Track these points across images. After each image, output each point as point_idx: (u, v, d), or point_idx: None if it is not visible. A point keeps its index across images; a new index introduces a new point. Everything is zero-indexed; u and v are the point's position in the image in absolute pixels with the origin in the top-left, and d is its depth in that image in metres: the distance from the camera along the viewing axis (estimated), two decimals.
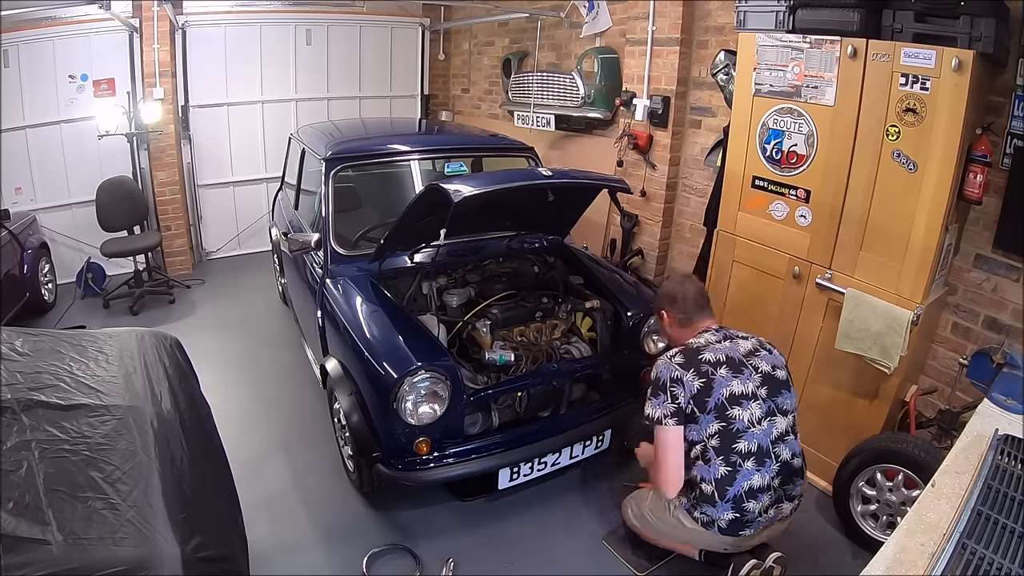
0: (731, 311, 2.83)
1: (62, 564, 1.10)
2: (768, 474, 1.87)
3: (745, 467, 1.85)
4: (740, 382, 1.87)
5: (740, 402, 1.86)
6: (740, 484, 1.85)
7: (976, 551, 1.12)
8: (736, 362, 1.91)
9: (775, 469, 1.88)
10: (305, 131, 3.63)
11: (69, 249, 4.61)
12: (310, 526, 2.35)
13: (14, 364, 1.65)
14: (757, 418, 1.87)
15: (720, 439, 1.85)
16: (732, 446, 1.85)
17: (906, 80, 2.07)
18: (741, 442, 1.85)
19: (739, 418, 1.85)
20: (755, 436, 1.86)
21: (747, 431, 1.85)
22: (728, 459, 1.85)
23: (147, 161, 4.68)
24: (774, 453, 1.88)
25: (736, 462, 1.85)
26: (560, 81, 4.15)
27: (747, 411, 1.86)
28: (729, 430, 1.85)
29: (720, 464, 1.85)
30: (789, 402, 1.95)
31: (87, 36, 4.32)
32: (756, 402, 1.88)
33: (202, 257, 5.28)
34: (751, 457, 1.85)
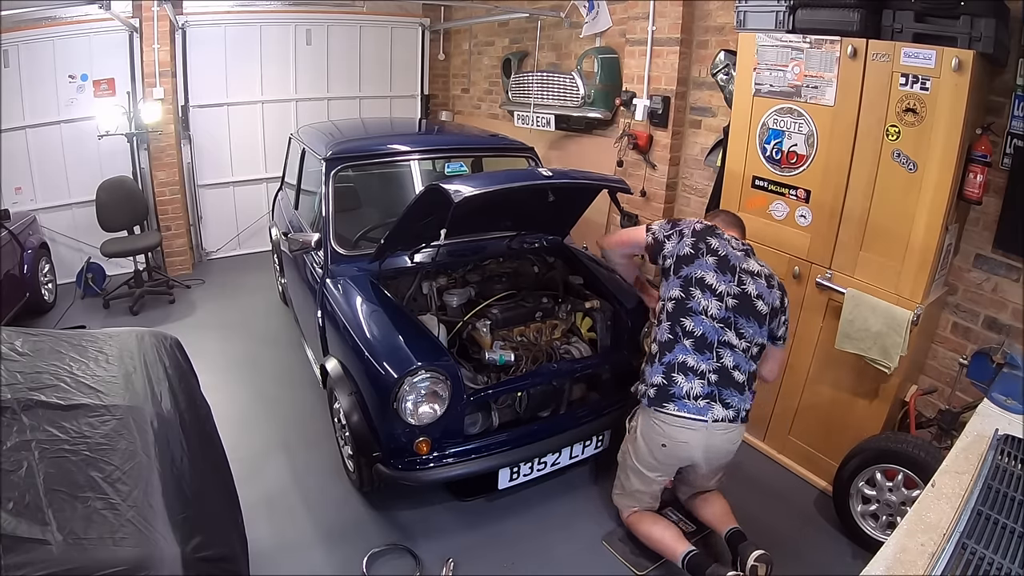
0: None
1: (62, 564, 1.10)
2: (704, 363, 1.94)
3: (684, 342, 1.96)
4: (717, 278, 1.99)
5: (704, 289, 1.98)
6: (675, 354, 1.96)
7: (976, 551, 1.12)
8: (728, 264, 2.01)
9: (713, 365, 1.95)
10: (305, 131, 3.63)
11: (69, 249, 4.61)
12: (310, 526, 2.35)
13: (14, 364, 1.65)
14: (711, 313, 1.97)
15: (674, 305, 2.00)
16: (679, 319, 1.98)
17: (906, 80, 2.08)
18: (688, 319, 1.97)
19: (696, 299, 1.97)
20: (703, 323, 1.96)
21: (698, 315, 1.97)
22: (673, 328, 1.98)
23: (147, 161, 4.67)
24: (717, 352, 1.96)
25: (678, 333, 1.97)
26: (560, 81, 4.15)
27: (706, 300, 1.97)
28: (684, 304, 1.98)
29: (666, 329, 2.00)
30: (752, 332, 1.99)
31: (87, 36, 4.31)
32: (718, 302, 1.97)
33: (202, 257, 5.28)
34: (691, 337, 1.96)
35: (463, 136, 3.72)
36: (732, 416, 1.95)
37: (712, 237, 2.04)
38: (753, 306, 2.00)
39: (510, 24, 5.07)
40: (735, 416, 1.96)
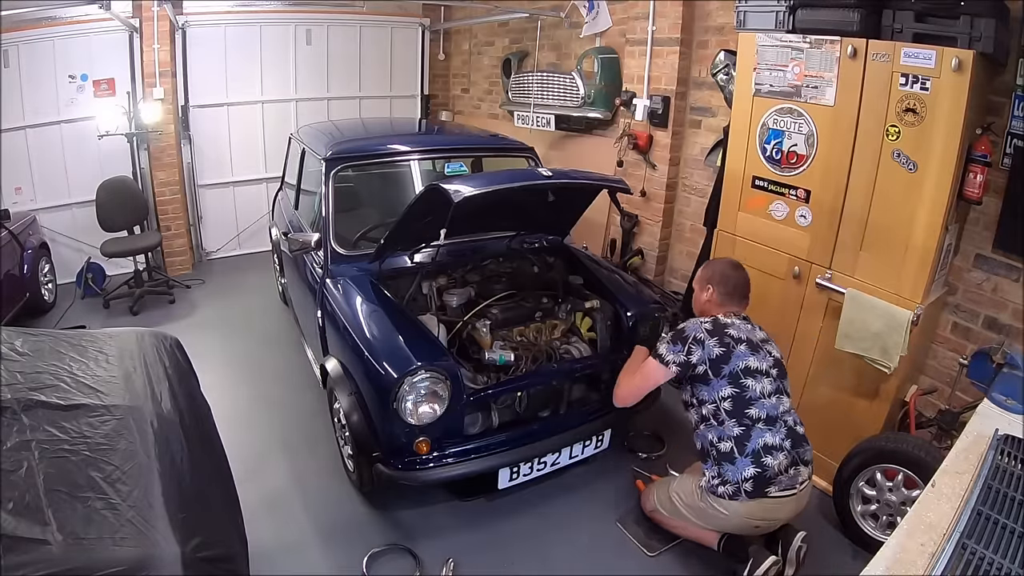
0: None
1: (62, 564, 1.10)
2: (779, 435, 1.97)
3: (758, 427, 1.97)
4: (756, 360, 2.03)
5: (755, 375, 2.01)
6: (756, 441, 1.95)
7: (976, 551, 1.12)
8: (755, 344, 2.08)
9: (784, 432, 1.99)
10: (305, 131, 3.63)
11: (69, 249, 4.61)
12: (310, 526, 2.35)
13: (14, 364, 1.65)
14: (768, 392, 2.01)
15: (733, 403, 1.99)
16: (745, 411, 1.98)
17: (906, 80, 2.07)
18: (753, 408, 1.98)
19: (752, 388, 1.99)
20: (765, 406, 1.99)
21: (759, 400, 1.99)
22: (741, 421, 1.98)
23: (147, 161, 4.67)
24: (783, 420, 2.01)
25: (748, 424, 1.97)
26: (560, 81, 4.15)
27: (760, 384, 2.01)
28: (743, 396, 1.99)
29: (734, 425, 1.98)
30: (789, 388, 2.13)
31: (87, 36, 4.31)
32: (768, 379, 2.03)
33: (202, 257, 5.28)
34: (762, 421, 1.98)
35: (463, 136, 3.72)
36: (809, 472, 2.04)
37: (728, 328, 2.07)
38: (784, 367, 2.13)
39: (510, 24, 5.07)
40: (810, 472, 2.05)
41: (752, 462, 1.94)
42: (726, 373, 2.00)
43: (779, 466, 1.93)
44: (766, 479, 1.92)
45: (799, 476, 1.98)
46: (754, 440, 1.95)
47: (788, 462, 1.96)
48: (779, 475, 1.93)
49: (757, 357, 2.03)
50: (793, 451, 1.98)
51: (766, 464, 1.92)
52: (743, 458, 1.95)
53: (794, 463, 1.98)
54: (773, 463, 1.93)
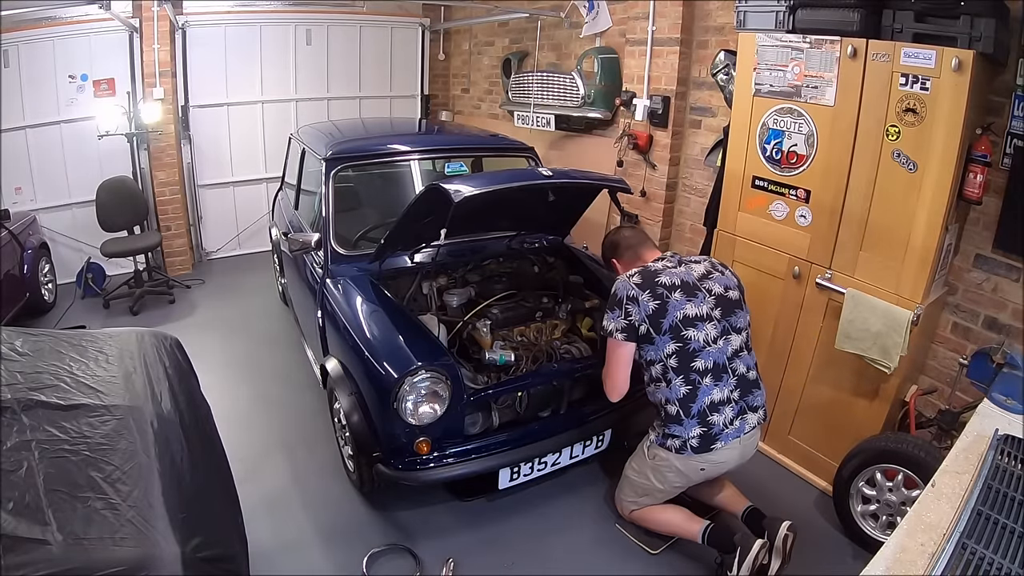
0: None
1: (62, 564, 1.10)
2: (727, 388, 1.98)
3: (704, 383, 1.96)
4: (694, 305, 1.98)
5: (695, 323, 1.96)
6: (702, 399, 1.95)
7: (976, 551, 1.12)
8: (691, 286, 2.01)
9: (733, 383, 1.99)
10: (305, 131, 3.63)
11: (69, 249, 4.61)
12: (310, 526, 2.35)
13: (14, 364, 1.65)
14: (712, 337, 1.98)
15: (678, 359, 1.96)
16: (690, 364, 1.95)
17: (906, 80, 2.07)
18: (698, 360, 1.96)
19: (694, 338, 1.96)
20: (711, 354, 1.97)
21: (703, 350, 1.96)
22: (687, 377, 1.96)
23: (147, 161, 4.68)
24: (731, 368, 2.00)
25: (695, 380, 1.95)
26: (560, 81, 4.15)
27: (702, 332, 1.97)
28: (686, 350, 1.95)
29: (680, 384, 1.96)
30: (742, 320, 2.06)
31: (87, 36, 4.31)
32: (711, 323, 1.99)
33: (202, 257, 5.28)
34: (708, 374, 1.96)
35: (463, 136, 3.72)
36: (760, 418, 2.05)
37: (659, 276, 2.00)
38: (729, 299, 2.06)
39: (510, 24, 5.07)
40: (761, 417, 2.07)
41: (698, 422, 1.96)
42: (666, 327, 1.94)
43: (725, 420, 1.96)
44: (711, 436, 1.96)
45: (745, 424, 2.01)
46: (700, 398, 1.95)
47: (735, 413, 1.99)
48: (725, 429, 1.96)
49: (695, 302, 1.98)
50: (741, 400, 2.00)
51: (712, 422, 1.95)
52: (689, 419, 1.96)
53: (741, 412, 2.00)
54: (719, 419, 1.95)
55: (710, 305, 2.00)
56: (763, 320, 2.63)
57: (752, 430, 2.04)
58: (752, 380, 2.05)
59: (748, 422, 2.02)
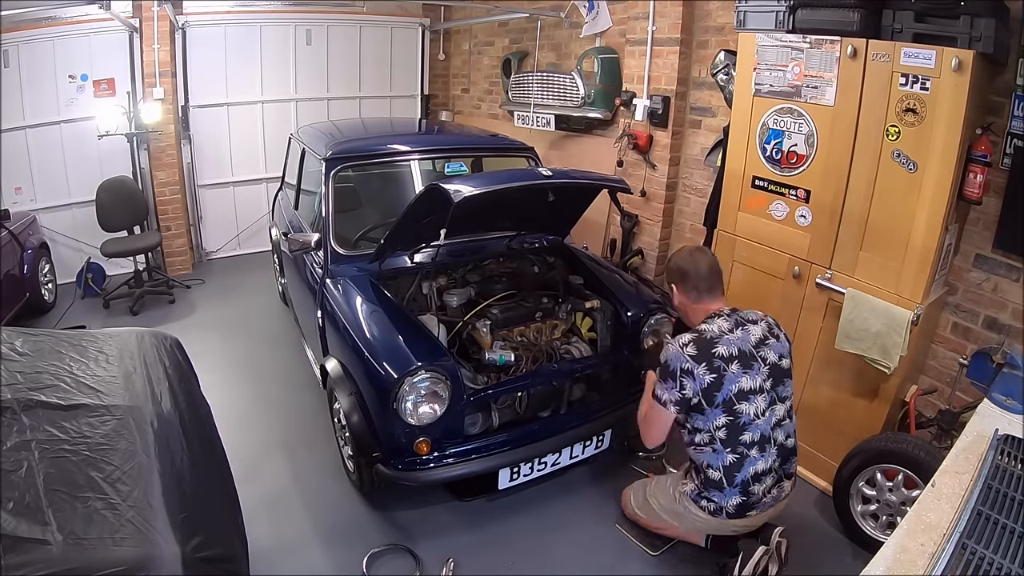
0: None
1: (62, 564, 1.10)
2: (770, 459, 1.95)
3: (750, 455, 1.92)
4: (749, 378, 1.91)
5: (748, 397, 1.91)
6: (746, 470, 1.92)
7: (976, 551, 1.12)
8: (747, 356, 1.93)
9: (775, 452, 1.96)
10: (305, 131, 3.63)
11: (69, 249, 4.61)
12: (310, 526, 2.35)
13: (14, 364, 1.65)
14: (762, 410, 1.93)
15: (727, 431, 1.91)
16: (739, 438, 1.91)
17: (906, 80, 2.07)
18: (747, 433, 1.92)
19: (746, 412, 1.91)
20: (759, 427, 1.93)
21: (752, 423, 1.92)
22: (735, 449, 1.92)
23: (147, 161, 4.67)
24: (773, 438, 1.96)
25: (742, 452, 1.92)
26: (560, 81, 4.15)
27: (753, 405, 1.91)
28: (736, 423, 1.91)
29: (728, 454, 1.92)
30: (789, 389, 2.02)
31: (87, 36, 4.31)
32: (762, 395, 1.93)
33: (202, 257, 5.28)
34: (755, 446, 1.93)
35: (463, 136, 3.72)
36: (794, 484, 2.05)
37: (715, 347, 1.89)
38: (782, 369, 1.99)
39: (510, 24, 5.07)
40: (795, 482, 2.06)
41: (740, 492, 1.94)
42: (719, 401, 1.89)
43: (764, 489, 1.95)
44: (749, 504, 1.95)
45: (782, 492, 2.01)
46: (745, 469, 1.92)
47: (774, 482, 1.97)
48: (763, 498, 1.95)
49: (750, 375, 1.91)
50: (781, 469, 1.99)
51: (752, 492, 1.94)
52: (731, 488, 1.93)
53: (779, 481, 1.99)
54: (759, 489, 1.94)
55: (763, 376, 1.93)
56: None
57: (785, 496, 2.03)
58: (791, 448, 2.02)
59: (784, 489, 2.01)
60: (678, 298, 2.11)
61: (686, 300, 2.07)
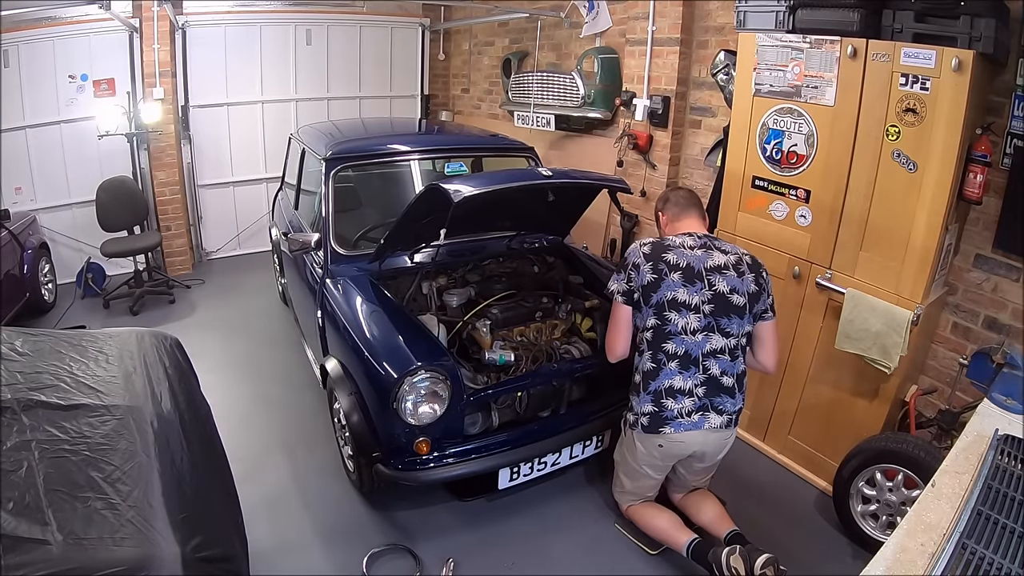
0: None
1: (62, 564, 1.10)
2: (692, 380, 1.95)
3: (669, 366, 1.96)
4: (687, 292, 1.95)
5: (679, 308, 1.95)
6: (661, 381, 1.96)
7: (976, 551, 1.12)
8: (693, 272, 1.97)
9: (701, 379, 1.95)
10: (305, 131, 3.63)
11: (69, 249, 4.61)
12: (310, 526, 2.35)
13: (14, 364, 1.65)
14: (692, 328, 1.95)
15: (653, 334, 1.98)
16: (661, 344, 1.97)
17: (906, 80, 2.07)
18: (669, 343, 1.96)
19: (673, 321, 1.95)
20: (684, 342, 1.95)
21: (678, 336, 1.95)
22: (655, 356, 1.98)
23: (147, 161, 4.68)
24: (703, 365, 1.96)
25: (661, 359, 1.96)
26: (560, 81, 4.15)
27: (683, 319, 1.95)
28: (662, 329, 1.96)
29: (648, 359, 1.99)
30: (735, 327, 1.98)
31: (87, 36, 4.31)
32: (696, 315, 1.95)
33: (202, 257, 5.28)
34: (676, 359, 1.95)
35: (463, 136, 3.72)
36: (726, 422, 1.99)
37: (667, 252, 1.99)
38: (730, 302, 1.97)
39: (510, 24, 5.07)
40: (728, 422, 2.00)
41: (651, 400, 1.97)
42: (653, 302, 1.96)
43: (681, 409, 1.94)
44: (661, 418, 1.95)
45: (705, 421, 1.95)
46: (660, 379, 1.95)
47: (694, 407, 1.94)
48: (679, 418, 1.94)
49: (689, 289, 1.94)
50: (706, 398, 1.95)
51: (664, 406, 1.95)
52: (645, 394, 1.98)
53: (703, 409, 1.95)
54: (674, 406, 1.94)
55: (704, 298, 1.96)
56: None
57: (716, 429, 1.97)
58: (725, 386, 1.97)
59: (709, 420, 1.96)
60: (664, 222, 2.22)
61: (669, 223, 2.19)
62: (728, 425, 2.00)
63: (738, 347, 2.01)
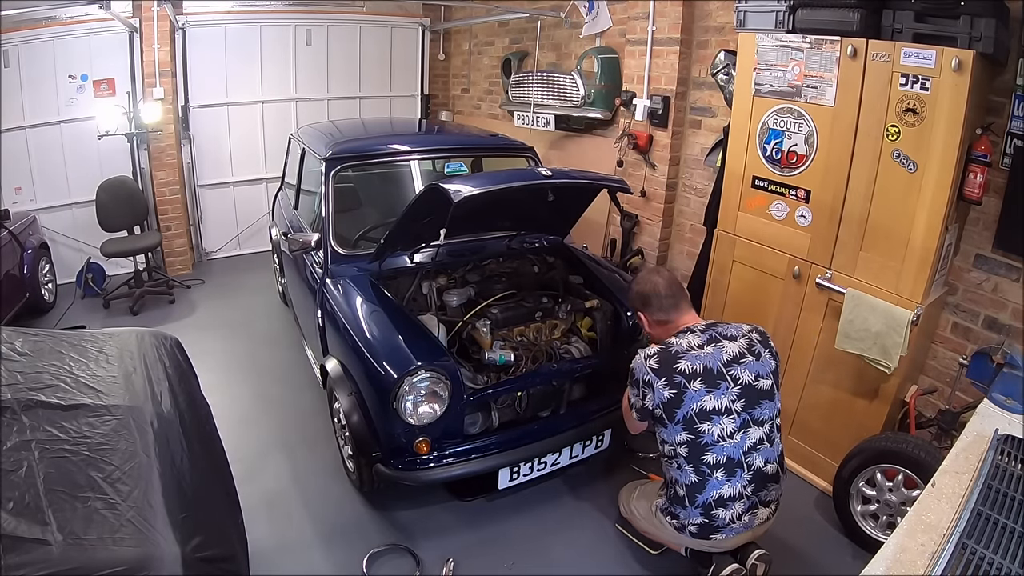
0: (731, 311, 2.84)
1: (62, 564, 1.10)
2: (739, 483, 1.85)
3: (714, 477, 1.83)
4: (713, 397, 1.81)
5: (711, 417, 1.81)
6: (709, 493, 1.84)
7: (976, 551, 1.12)
8: (714, 374, 1.83)
9: (747, 478, 1.86)
10: (305, 131, 3.63)
11: (69, 249, 4.62)
12: (310, 526, 2.35)
13: (14, 364, 1.65)
14: (728, 432, 1.82)
15: (688, 449, 1.84)
16: (700, 457, 1.83)
17: (906, 80, 2.07)
18: (709, 454, 1.82)
19: (707, 432, 1.81)
20: (725, 449, 1.82)
21: (716, 444, 1.82)
22: (697, 468, 1.84)
23: (147, 161, 4.68)
24: (746, 463, 1.85)
25: (705, 472, 1.83)
26: (560, 81, 4.15)
27: (717, 426, 1.81)
28: (697, 442, 1.82)
29: (691, 472, 1.85)
30: (768, 412, 1.89)
31: (87, 36, 4.31)
32: (729, 416, 1.83)
33: (202, 257, 5.28)
34: (720, 468, 1.83)
35: (463, 136, 3.72)
36: (773, 511, 1.95)
37: (677, 362, 1.83)
38: (757, 390, 1.87)
39: (510, 24, 5.07)
40: (775, 510, 1.96)
41: (701, 513, 1.86)
42: (679, 418, 1.82)
43: (732, 515, 1.85)
44: (713, 527, 1.87)
45: (755, 519, 1.90)
46: (708, 491, 1.83)
47: (745, 509, 1.87)
48: (730, 524, 1.86)
49: (715, 394, 1.81)
50: (754, 495, 1.88)
51: (716, 516, 1.85)
52: (693, 508, 1.86)
53: (752, 508, 1.89)
54: (725, 514, 1.85)
55: (732, 397, 1.83)
56: (763, 320, 2.61)
57: (763, 523, 1.92)
58: (770, 474, 1.89)
59: (758, 517, 1.90)
60: (647, 323, 2.06)
61: (654, 323, 2.03)
62: (773, 514, 1.95)
63: (773, 429, 1.91)
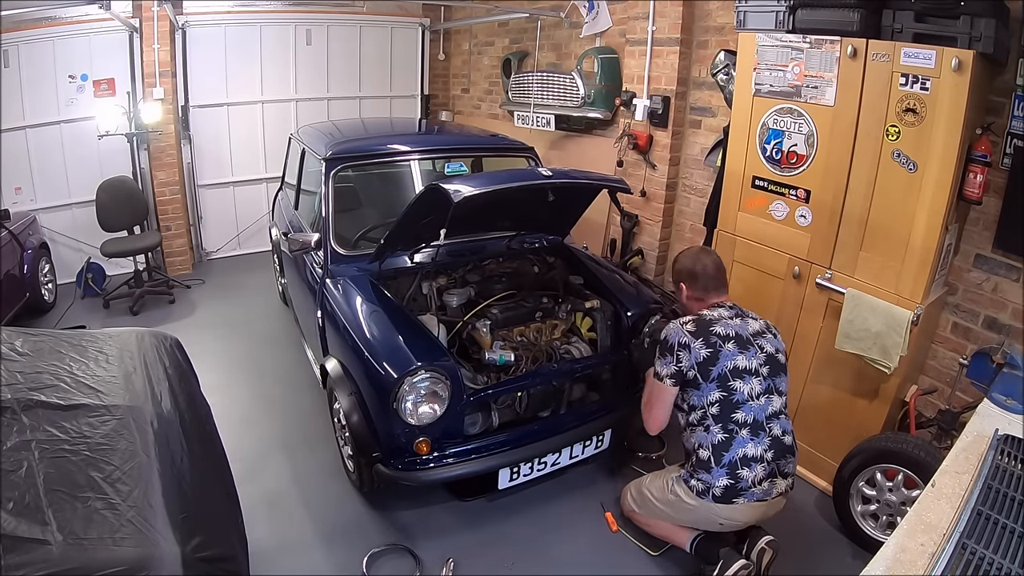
0: None
1: (62, 564, 1.10)
2: (761, 445, 1.94)
3: (741, 435, 1.93)
4: (745, 358, 1.97)
5: (743, 376, 1.95)
6: (735, 451, 1.93)
7: (976, 551, 1.12)
8: (744, 339, 2.00)
9: (767, 442, 1.96)
10: (305, 131, 3.63)
11: (69, 249, 4.61)
12: (310, 526, 2.35)
13: (14, 364, 1.65)
14: (756, 393, 1.96)
15: (720, 407, 1.95)
16: (731, 415, 1.94)
17: (906, 80, 2.07)
18: (739, 412, 1.94)
19: (740, 390, 1.94)
20: (752, 409, 1.95)
21: (746, 403, 1.95)
22: (726, 427, 1.94)
23: (147, 161, 4.68)
24: (767, 427, 1.96)
25: (733, 430, 1.94)
26: (560, 81, 4.15)
27: (748, 385, 1.95)
28: (730, 400, 1.94)
29: (718, 431, 1.95)
30: (784, 385, 2.06)
31: (87, 36, 4.32)
32: (757, 378, 1.97)
33: (202, 257, 5.28)
34: (747, 427, 1.94)
35: (463, 136, 3.72)
36: (790, 485, 2.02)
37: (713, 325, 1.99)
38: (779, 361, 2.04)
39: (510, 24, 5.07)
40: (790, 486, 2.02)
41: (727, 473, 1.92)
42: (715, 375, 1.94)
43: (754, 478, 1.92)
44: (736, 489, 1.92)
45: (774, 488, 1.96)
46: (734, 449, 1.92)
47: (765, 474, 1.94)
48: (752, 487, 1.92)
49: (747, 355, 1.97)
50: (773, 463, 1.96)
51: (740, 476, 1.91)
52: (719, 468, 1.93)
53: (771, 475, 1.96)
54: (749, 475, 1.91)
55: (760, 361, 1.98)
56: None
57: (778, 496, 1.99)
58: (787, 445, 2.00)
59: (777, 486, 1.97)
60: (685, 295, 2.18)
61: (692, 299, 2.16)
62: (790, 487, 2.02)
63: (786, 405, 2.05)
